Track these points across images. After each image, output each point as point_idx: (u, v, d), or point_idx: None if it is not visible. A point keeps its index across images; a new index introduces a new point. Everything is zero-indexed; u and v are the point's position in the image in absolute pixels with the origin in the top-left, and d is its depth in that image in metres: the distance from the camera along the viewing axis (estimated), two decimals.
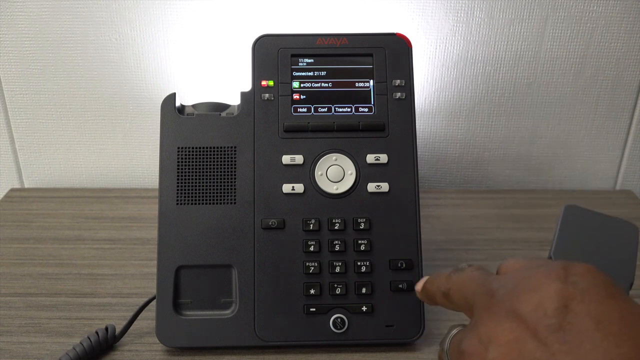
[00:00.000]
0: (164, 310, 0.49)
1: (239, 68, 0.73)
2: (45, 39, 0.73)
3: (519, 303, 0.29)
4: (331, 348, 0.50)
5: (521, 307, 0.28)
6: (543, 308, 0.28)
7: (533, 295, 0.28)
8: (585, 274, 0.28)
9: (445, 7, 0.72)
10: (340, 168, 0.52)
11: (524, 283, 0.29)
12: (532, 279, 0.29)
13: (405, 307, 0.50)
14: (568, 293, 0.28)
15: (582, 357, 0.25)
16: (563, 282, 0.28)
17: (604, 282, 0.28)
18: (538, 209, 0.75)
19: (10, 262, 0.62)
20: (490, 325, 0.29)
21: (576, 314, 0.27)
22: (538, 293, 0.28)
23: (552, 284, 0.28)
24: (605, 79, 0.77)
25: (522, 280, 0.30)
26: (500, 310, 0.29)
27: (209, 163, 0.51)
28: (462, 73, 0.76)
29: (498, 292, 0.30)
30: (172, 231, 0.50)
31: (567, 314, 0.27)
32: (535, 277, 0.29)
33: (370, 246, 0.51)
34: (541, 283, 0.29)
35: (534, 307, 0.28)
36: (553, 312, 0.27)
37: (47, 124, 0.78)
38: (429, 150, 0.81)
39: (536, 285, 0.29)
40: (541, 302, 0.28)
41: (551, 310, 0.27)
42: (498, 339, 0.28)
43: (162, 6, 0.71)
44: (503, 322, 0.29)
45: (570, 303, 0.27)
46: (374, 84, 0.53)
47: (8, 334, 0.51)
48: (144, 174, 0.81)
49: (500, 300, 0.30)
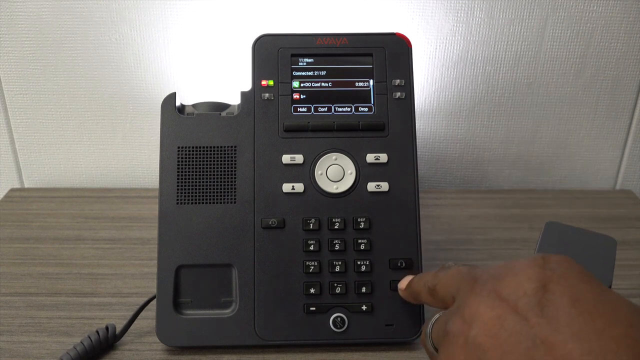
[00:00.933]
0: (164, 310, 0.49)
1: (239, 68, 0.73)
2: (45, 39, 0.73)
3: (500, 285, 0.31)
4: (331, 347, 0.50)
5: (502, 289, 0.31)
6: (523, 288, 0.30)
7: (513, 278, 0.31)
8: (562, 262, 0.31)
9: (445, 7, 0.72)
10: (340, 167, 0.52)
11: (506, 270, 0.32)
12: (513, 266, 0.32)
13: (405, 306, 0.50)
14: (546, 276, 0.30)
15: (559, 329, 0.27)
16: (542, 267, 0.31)
17: (579, 270, 0.30)
18: (538, 209, 0.75)
19: (10, 262, 0.62)
20: (473, 305, 0.32)
21: (553, 293, 0.29)
22: (518, 276, 0.31)
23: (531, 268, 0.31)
24: (605, 79, 0.77)
25: (503, 267, 0.32)
26: (483, 291, 0.32)
27: (209, 163, 0.51)
28: (462, 73, 0.76)
29: (481, 277, 0.33)
30: (172, 231, 0.50)
31: (545, 293, 0.29)
32: (516, 264, 0.32)
33: (370, 245, 0.51)
34: (521, 269, 0.31)
35: (514, 287, 0.30)
36: (532, 291, 0.29)
37: (47, 124, 0.78)
38: (429, 150, 0.81)
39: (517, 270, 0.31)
40: (521, 282, 0.30)
41: (530, 289, 0.29)
42: (481, 317, 0.30)
43: (162, 6, 0.72)
44: (485, 301, 0.31)
45: (548, 284, 0.29)
46: (373, 84, 0.53)
47: (8, 334, 0.51)
48: (144, 174, 0.81)
49: (483, 283, 0.32)
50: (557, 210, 0.75)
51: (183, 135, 0.51)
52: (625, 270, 0.62)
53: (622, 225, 0.71)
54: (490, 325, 0.30)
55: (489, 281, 0.32)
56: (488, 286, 0.32)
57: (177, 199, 0.51)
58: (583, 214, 0.74)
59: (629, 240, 0.68)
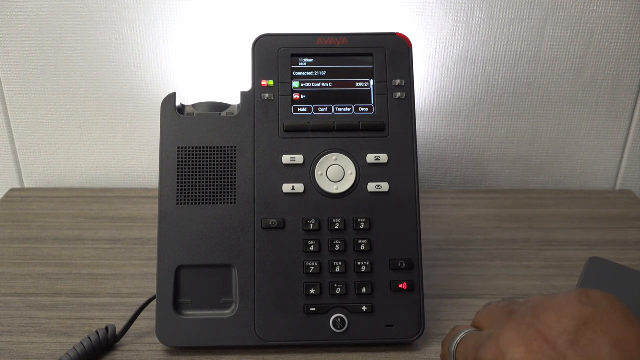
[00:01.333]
0: (164, 310, 0.49)
1: (239, 68, 0.73)
2: (45, 39, 0.73)
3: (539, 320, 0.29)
4: (331, 348, 0.50)
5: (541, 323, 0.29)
6: (563, 325, 0.28)
7: (553, 314, 0.29)
8: (604, 299, 0.29)
9: (445, 7, 0.72)
10: (341, 168, 0.52)
11: (545, 304, 0.30)
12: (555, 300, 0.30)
13: (405, 307, 0.50)
14: (588, 313, 0.28)
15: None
16: (584, 303, 0.29)
17: (623, 308, 0.29)
18: (538, 209, 0.75)
19: (10, 262, 0.62)
20: (510, 334, 0.30)
21: (594, 331, 0.28)
22: (558, 312, 0.29)
23: (572, 304, 0.29)
24: (605, 79, 0.77)
25: (543, 301, 0.31)
26: (521, 325, 0.30)
27: (209, 163, 0.51)
28: (462, 73, 0.76)
29: (519, 310, 0.32)
30: (172, 231, 0.50)
31: (585, 331, 0.28)
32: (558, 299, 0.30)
33: (370, 246, 0.51)
34: (561, 305, 0.30)
35: (555, 323, 0.29)
36: (573, 329, 0.28)
37: (47, 124, 0.78)
38: (429, 150, 0.81)
39: (558, 305, 0.30)
40: (561, 319, 0.29)
41: (571, 327, 0.28)
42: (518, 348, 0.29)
43: (162, 6, 0.71)
44: (524, 334, 0.29)
45: (589, 322, 0.28)
46: (374, 84, 0.53)
47: (8, 334, 0.51)
48: (144, 174, 0.81)
49: (521, 316, 0.31)
50: (557, 210, 0.75)
51: (183, 135, 0.51)
52: None
53: (622, 225, 0.71)
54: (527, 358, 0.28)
55: (528, 314, 0.31)
56: (527, 319, 0.30)
57: (177, 199, 0.51)
58: (583, 214, 0.74)
59: (629, 240, 0.68)
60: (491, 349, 0.30)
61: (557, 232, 0.70)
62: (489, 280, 0.60)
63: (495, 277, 0.61)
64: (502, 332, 0.31)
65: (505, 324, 0.31)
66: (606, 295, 0.30)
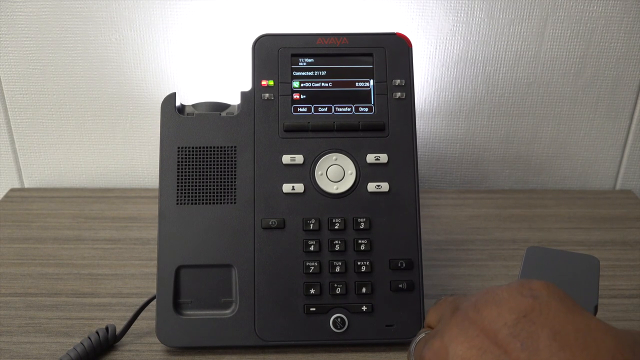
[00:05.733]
0: (164, 310, 0.49)
1: (239, 68, 0.73)
2: (45, 39, 0.73)
3: (481, 314, 0.30)
4: (331, 348, 0.50)
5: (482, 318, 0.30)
6: (503, 318, 0.29)
7: (494, 307, 0.30)
8: (544, 289, 0.30)
9: (445, 7, 0.72)
10: (341, 168, 0.52)
11: (486, 297, 0.31)
12: (494, 294, 0.30)
13: (405, 306, 0.50)
14: (527, 305, 0.29)
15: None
16: (522, 295, 0.29)
17: (562, 297, 0.29)
18: (538, 209, 0.75)
19: (10, 262, 0.62)
20: (453, 331, 0.31)
21: (534, 323, 0.28)
22: (499, 306, 0.29)
23: (512, 297, 0.29)
24: (605, 79, 0.77)
25: (483, 295, 0.31)
26: (464, 321, 0.30)
27: (209, 163, 0.51)
28: (462, 73, 0.76)
29: (462, 305, 0.32)
30: (172, 231, 0.50)
31: (525, 324, 0.28)
32: (497, 292, 0.30)
33: (370, 246, 0.51)
34: (502, 298, 0.30)
35: (495, 317, 0.29)
36: (512, 322, 0.28)
37: (47, 124, 0.78)
38: (429, 150, 0.81)
39: (497, 298, 0.30)
40: (501, 313, 0.29)
41: (511, 320, 0.28)
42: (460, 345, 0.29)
43: (162, 6, 0.71)
44: (466, 330, 0.30)
45: (529, 314, 0.28)
46: (374, 84, 0.53)
47: (8, 334, 0.51)
48: (144, 174, 0.81)
49: (464, 311, 0.31)
50: (557, 210, 0.75)
51: (183, 135, 0.51)
52: (626, 270, 0.62)
53: (622, 225, 0.71)
54: (469, 356, 0.29)
55: (470, 309, 0.31)
56: (470, 314, 0.30)
57: (177, 199, 0.51)
58: (583, 214, 0.74)
59: (629, 240, 0.68)
60: (435, 346, 0.31)
61: (557, 232, 0.70)
62: (489, 280, 0.60)
63: (495, 277, 0.61)
64: (446, 330, 0.31)
65: (450, 321, 0.32)
66: (546, 285, 0.30)
